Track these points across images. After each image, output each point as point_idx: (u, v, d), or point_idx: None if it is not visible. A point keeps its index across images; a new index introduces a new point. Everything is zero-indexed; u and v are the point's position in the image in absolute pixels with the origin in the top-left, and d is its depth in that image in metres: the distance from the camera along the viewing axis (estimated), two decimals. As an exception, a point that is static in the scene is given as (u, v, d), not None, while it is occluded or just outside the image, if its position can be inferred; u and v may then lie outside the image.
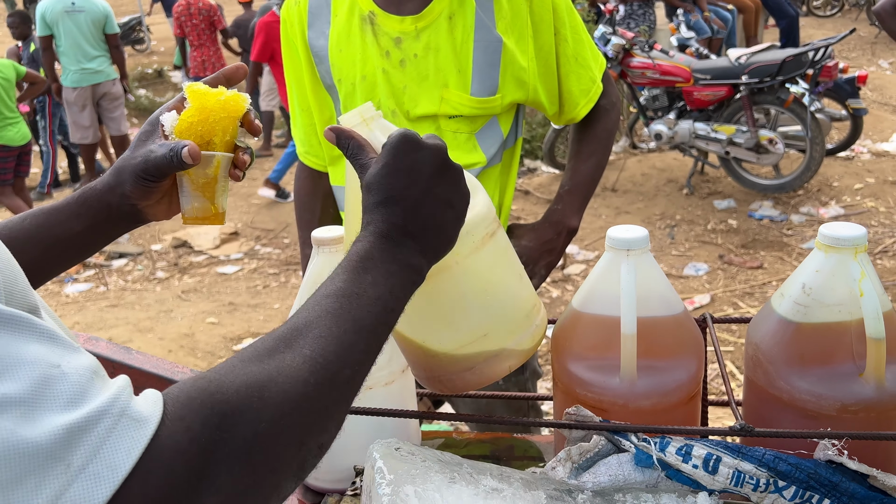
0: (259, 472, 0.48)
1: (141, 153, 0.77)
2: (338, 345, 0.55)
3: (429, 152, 0.67)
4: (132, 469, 0.43)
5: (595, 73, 1.46)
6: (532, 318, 0.82)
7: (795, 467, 0.72)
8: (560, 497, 0.71)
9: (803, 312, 0.76)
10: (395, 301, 0.63)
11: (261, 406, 0.49)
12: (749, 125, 4.85)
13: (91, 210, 0.78)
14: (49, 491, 0.41)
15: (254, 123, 0.83)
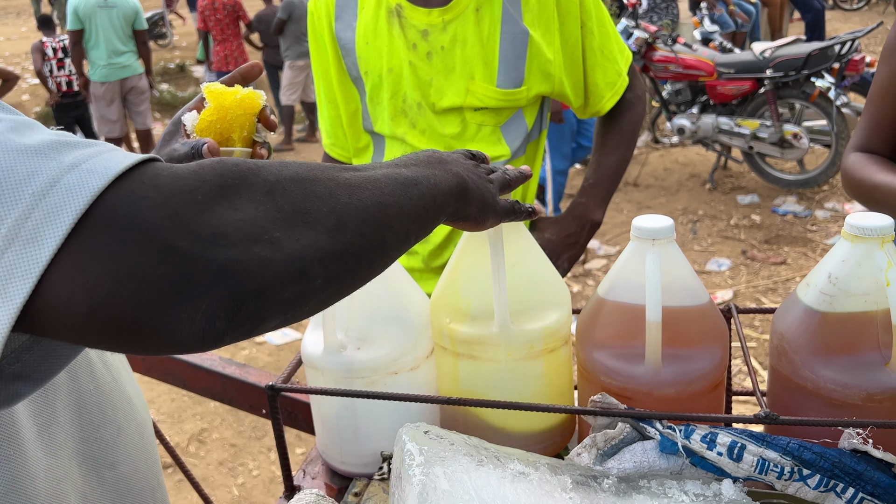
0: (285, 212, 0.49)
1: (165, 152, 0.81)
2: (396, 193, 0.58)
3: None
4: (132, 167, 0.45)
5: (621, 67, 1.46)
6: None
7: (820, 456, 0.72)
8: (585, 482, 0.72)
9: (829, 302, 0.76)
10: (427, 215, 0.64)
11: (289, 167, 0.52)
12: (773, 120, 4.80)
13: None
14: (41, 180, 0.43)
15: (269, 119, 0.86)
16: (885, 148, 1.25)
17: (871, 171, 1.20)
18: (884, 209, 1.21)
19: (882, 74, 1.23)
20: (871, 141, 1.26)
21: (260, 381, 1.17)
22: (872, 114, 1.26)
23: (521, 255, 0.87)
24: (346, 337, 0.88)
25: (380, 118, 1.43)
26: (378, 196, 0.57)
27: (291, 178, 0.51)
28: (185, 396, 3.20)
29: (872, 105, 1.26)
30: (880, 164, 1.22)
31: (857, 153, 1.27)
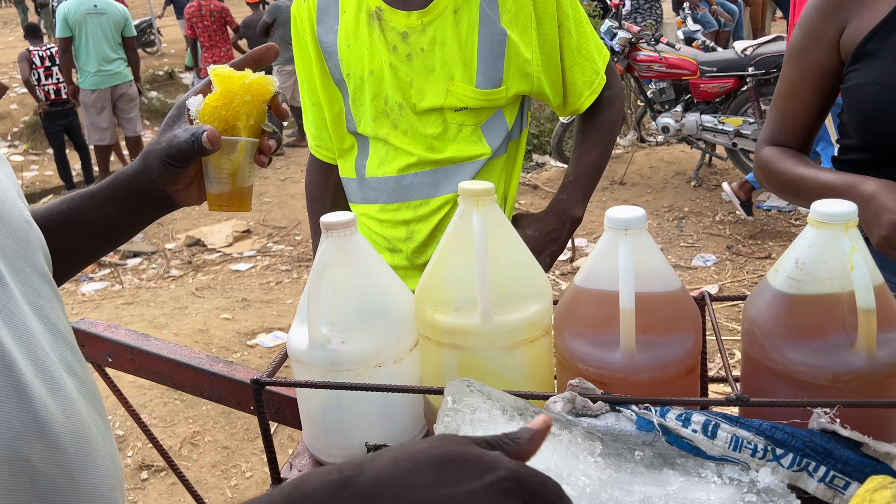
0: None
1: (166, 138, 0.78)
2: None
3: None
4: None
5: (599, 65, 1.48)
6: None
7: (791, 436, 0.75)
8: (619, 453, 0.74)
9: (797, 286, 0.79)
10: None
11: None
12: (756, 116, 4.85)
13: (123, 194, 0.80)
14: None
15: (281, 107, 0.82)
16: (796, 142, 1.33)
17: (790, 164, 1.28)
18: (805, 200, 1.26)
19: (790, 74, 1.30)
20: (783, 136, 1.33)
21: (247, 377, 1.19)
22: (782, 111, 1.33)
23: (503, 247, 0.90)
24: (331, 331, 0.90)
25: (363, 120, 1.46)
26: None
27: None
28: (177, 400, 3.21)
29: (782, 102, 1.33)
30: (796, 158, 1.30)
31: (770, 147, 1.34)
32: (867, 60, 1.18)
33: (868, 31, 1.17)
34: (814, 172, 1.23)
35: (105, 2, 6.21)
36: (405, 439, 0.94)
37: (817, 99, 1.28)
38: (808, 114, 1.30)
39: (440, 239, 1.47)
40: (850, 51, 1.20)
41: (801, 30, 1.28)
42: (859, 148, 1.27)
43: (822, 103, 1.29)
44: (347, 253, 0.89)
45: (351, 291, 0.90)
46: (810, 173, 1.24)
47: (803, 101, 1.29)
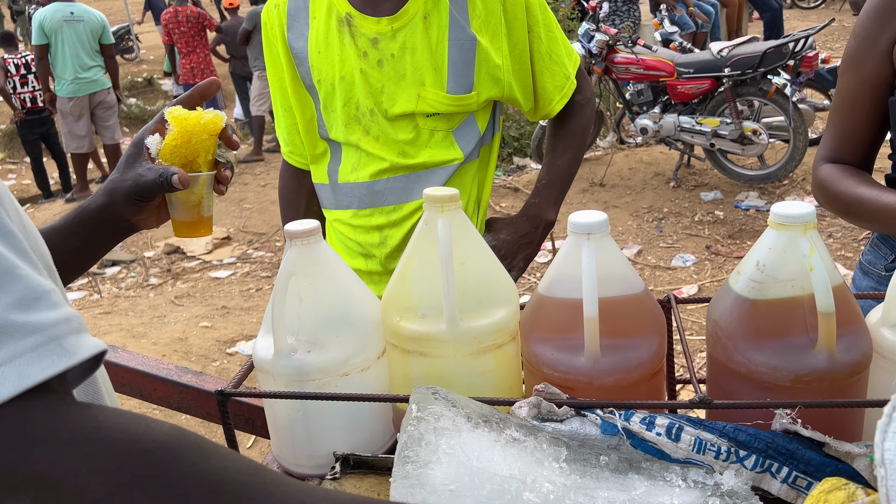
0: None
1: (130, 177, 0.86)
2: None
3: None
4: (41, 383, 0.45)
5: (569, 70, 1.49)
6: None
7: (754, 437, 0.75)
8: (584, 458, 0.74)
9: (758, 289, 0.79)
10: None
11: None
12: (733, 117, 4.90)
13: (88, 228, 0.87)
14: None
15: (231, 138, 0.90)
16: (856, 159, 1.26)
17: (849, 184, 1.21)
18: (867, 223, 1.22)
19: (845, 86, 1.24)
20: (842, 152, 1.27)
21: (216, 388, 1.17)
22: (840, 125, 1.27)
23: (469, 253, 0.89)
24: (297, 340, 0.89)
25: (334, 125, 1.45)
26: None
27: None
28: (155, 411, 3.18)
29: (839, 116, 1.27)
30: (857, 176, 1.23)
31: (829, 165, 1.28)
32: None
33: None
34: (875, 193, 1.16)
35: (82, 9, 6.16)
36: (374, 448, 0.93)
37: (874, 111, 1.22)
38: (865, 128, 1.24)
39: (413, 244, 1.48)
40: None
41: (855, 38, 1.22)
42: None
43: (880, 116, 1.22)
44: (312, 261, 0.89)
45: (316, 300, 0.90)
46: (870, 194, 1.16)
47: (860, 114, 1.23)
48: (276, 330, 0.87)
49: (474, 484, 0.67)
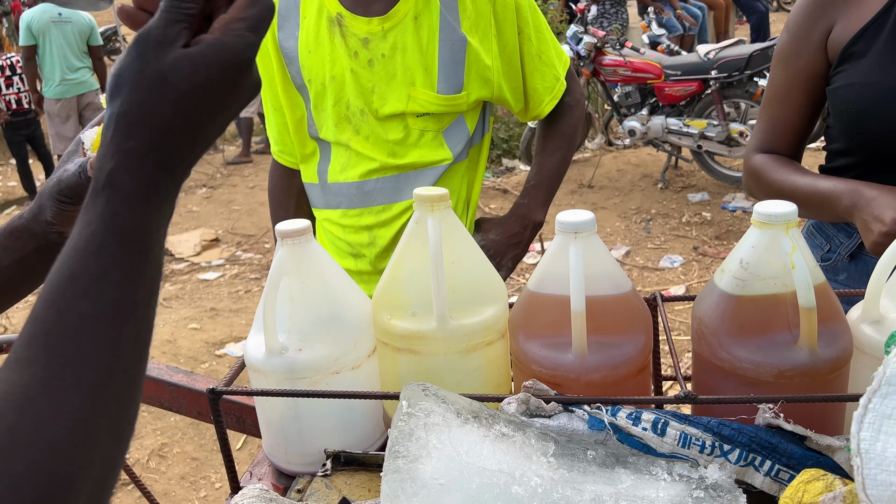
0: None
1: (55, 177, 0.72)
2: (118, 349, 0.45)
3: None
4: None
5: (559, 71, 1.50)
6: None
7: (738, 431, 0.77)
8: (572, 453, 0.75)
9: (741, 286, 0.81)
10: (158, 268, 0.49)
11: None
12: (720, 119, 4.94)
13: (19, 242, 0.73)
14: None
15: None
16: (787, 148, 1.29)
17: (783, 172, 1.24)
18: (803, 209, 1.24)
19: (778, 78, 1.27)
20: (774, 143, 1.30)
21: (207, 387, 1.18)
22: (772, 117, 1.30)
23: (459, 252, 0.91)
24: (288, 338, 0.90)
25: (324, 125, 1.46)
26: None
27: None
28: (144, 412, 3.17)
29: (771, 107, 1.30)
30: (790, 165, 1.26)
31: (761, 155, 1.30)
32: (854, 61, 1.16)
33: (856, 32, 1.15)
34: (810, 180, 1.19)
35: (70, 10, 6.12)
36: (365, 446, 0.94)
37: (807, 103, 1.25)
38: (798, 119, 1.27)
39: (403, 244, 1.49)
40: (838, 52, 1.17)
41: (788, 32, 1.25)
42: (846, 152, 1.23)
43: (811, 108, 1.25)
44: (303, 260, 0.90)
45: (307, 299, 0.91)
46: (805, 181, 1.19)
47: (792, 105, 1.26)
48: (268, 328, 0.88)
49: (464, 478, 0.68)
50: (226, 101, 0.50)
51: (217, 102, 0.50)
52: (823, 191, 1.15)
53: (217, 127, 0.51)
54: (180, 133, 0.48)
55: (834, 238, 1.30)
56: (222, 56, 0.49)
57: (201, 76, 0.48)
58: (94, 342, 0.44)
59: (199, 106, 0.49)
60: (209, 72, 0.48)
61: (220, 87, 0.49)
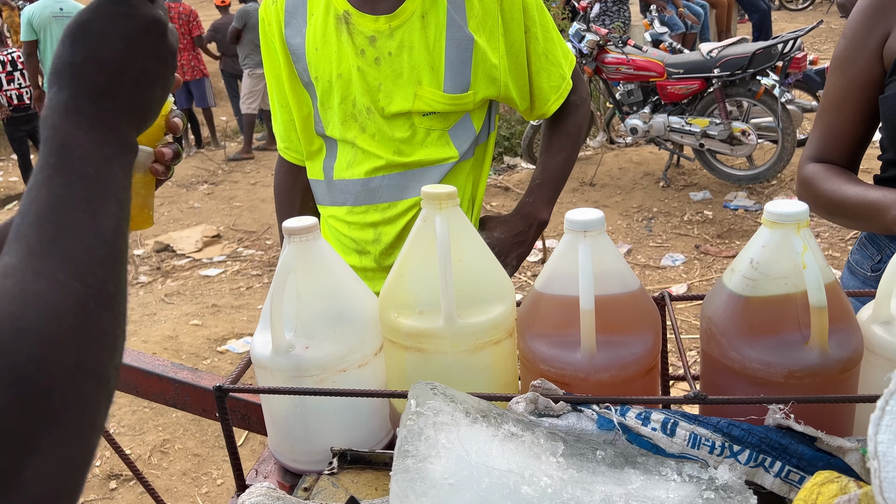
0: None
1: None
2: (91, 264, 0.50)
3: (148, 20, 0.61)
4: None
5: (565, 70, 1.50)
6: None
7: (748, 432, 0.76)
8: (581, 453, 0.74)
9: (752, 286, 0.80)
10: (123, 190, 0.56)
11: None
12: (722, 117, 4.93)
13: (8, 226, 0.72)
14: None
15: (172, 121, 0.80)
16: (842, 158, 1.26)
17: (835, 182, 1.20)
18: (851, 221, 1.21)
19: (834, 85, 1.24)
20: (828, 152, 1.26)
21: (211, 384, 1.18)
22: (827, 125, 1.26)
23: (466, 250, 0.90)
24: (295, 336, 0.90)
25: (331, 122, 1.46)
26: None
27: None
28: (146, 408, 3.17)
29: (826, 116, 1.26)
30: (843, 175, 1.22)
31: (814, 164, 1.27)
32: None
33: None
34: (860, 190, 1.14)
35: (72, 4, 6.11)
36: (371, 444, 0.94)
37: (862, 111, 1.21)
38: (853, 128, 1.23)
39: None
40: (893, 59, 1.14)
41: (844, 38, 1.21)
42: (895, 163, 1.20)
43: (867, 116, 1.22)
44: (310, 258, 0.89)
45: (314, 296, 0.90)
46: (855, 191, 1.14)
47: (847, 113, 1.22)
48: (275, 326, 0.87)
49: (473, 478, 0.68)
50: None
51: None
52: (872, 201, 1.11)
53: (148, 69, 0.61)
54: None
55: (885, 248, 1.28)
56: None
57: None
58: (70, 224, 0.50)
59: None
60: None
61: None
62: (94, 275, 0.49)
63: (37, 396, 0.42)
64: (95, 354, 0.47)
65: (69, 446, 0.44)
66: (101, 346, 0.48)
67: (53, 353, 0.44)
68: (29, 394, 0.42)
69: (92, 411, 0.46)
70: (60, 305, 0.46)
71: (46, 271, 0.47)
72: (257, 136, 8.03)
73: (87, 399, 0.46)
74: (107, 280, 0.50)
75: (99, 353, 0.48)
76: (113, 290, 0.51)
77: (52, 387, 0.43)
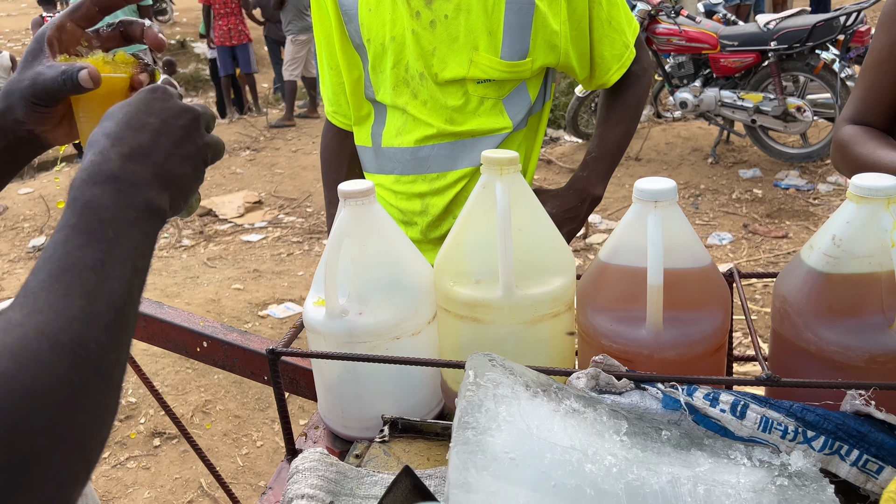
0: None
1: (29, 76, 0.71)
2: (96, 329, 0.49)
3: (184, 107, 0.65)
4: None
5: (629, 38, 1.43)
6: None
7: (823, 418, 0.73)
8: (644, 432, 0.72)
9: (833, 264, 0.76)
10: (142, 257, 0.56)
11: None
12: (777, 93, 4.76)
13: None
14: None
15: (156, 37, 0.77)
16: (882, 121, 1.19)
17: (870, 147, 1.14)
18: None
19: (879, 43, 1.17)
20: (867, 113, 1.20)
21: (261, 347, 1.17)
22: (869, 84, 1.19)
23: (527, 219, 0.87)
24: (348, 302, 0.88)
25: (382, 87, 1.42)
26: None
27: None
28: (188, 369, 3.22)
29: (869, 74, 1.19)
30: (880, 139, 1.16)
31: (851, 126, 1.21)
32: None
33: None
34: (894, 156, 1.07)
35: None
36: (422, 413, 0.92)
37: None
38: (894, 89, 1.15)
39: (456, 213, 1.45)
40: None
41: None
42: None
43: None
44: (366, 222, 0.87)
45: (369, 262, 0.88)
46: (890, 158, 1.07)
47: (890, 74, 1.14)
48: (329, 291, 0.85)
49: (535, 453, 0.65)
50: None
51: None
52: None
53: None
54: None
55: None
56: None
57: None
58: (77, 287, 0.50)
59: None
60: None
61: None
62: (98, 341, 0.48)
63: (16, 465, 0.41)
64: (84, 425, 0.46)
65: None
66: (91, 418, 0.46)
67: (41, 420, 0.42)
68: (8, 461, 0.40)
69: (69, 486, 0.44)
70: (57, 369, 0.45)
71: (49, 330, 0.46)
72: (298, 104, 8.04)
73: (66, 473, 0.44)
74: (109, 348, 0.49)
75: (88, 424, 0.46)
76: (113, 359, 0.49)
77: (31, 456, 0.41)
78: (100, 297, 0.50)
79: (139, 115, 0.62)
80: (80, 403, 0.45)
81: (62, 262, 0.50)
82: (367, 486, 0.78)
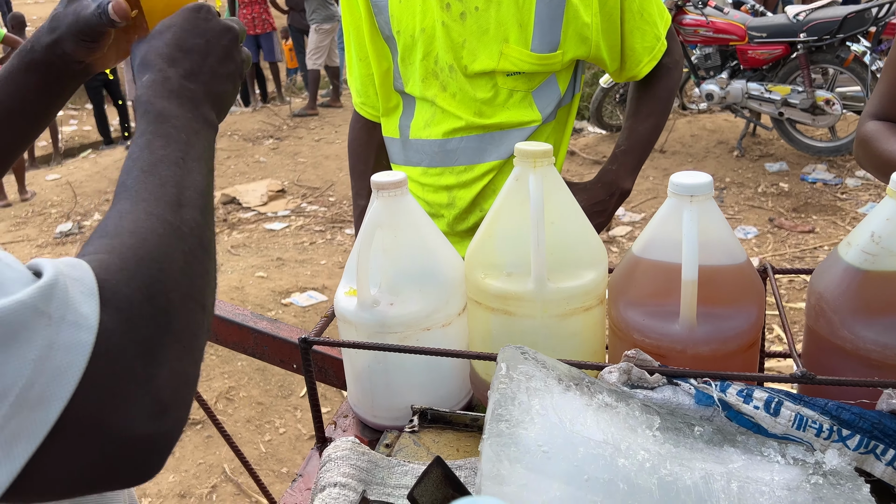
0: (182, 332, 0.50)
1: (72, 9, 0.74)
2: (194, 210, 0.57)
3: (224, 26, 0.71)
4: (98, 315, 0.45)
5: (660, 31, 1.41)
6: None
7: (859, 416, 0.72)
8: (677, 428, 0.72)
9: (871, 261, 0.75)
10: (209, 160, 0.65)
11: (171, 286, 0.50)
12: (805, 85, 4.69)
13: (38, 75, 0.76)
14: (41, 341, 0.42)
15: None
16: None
17: (893, 143, 1.11)
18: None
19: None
20: (890, 108, 1.17)
21: (291, 336, 1.19)
22: (891, 80, 1.17)
23: (559, 212, 0.87)
24: (380, 292, 0.88)
25: (411, 79, 1.42)
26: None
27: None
28: (213, 355, 3.26)
29: (892, 70, 1.17)
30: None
31: (875, 122, 1.18)
32: None
33: None
34: None
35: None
36: (450, 404, 0.93)
37: None
38: None
39: (483, 206, 1.45)
40: None
41: None
42: None
43: None
44: (398, 213, 0.87)
45: (400, 253, 0.89)
46: None
47: None
48: (360, 281, 0.86)
49: (568, 446, 0.65)
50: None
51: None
52: None
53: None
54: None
55: None
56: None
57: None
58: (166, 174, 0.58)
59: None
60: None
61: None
62: (195, 219, 0.56)
63: (163, 314, 0.48)
64: (200, 287, 0.54)
65: (185, 364, 0.49)
66: (204, 281, 0.55)
67: (170, 280, 0.50)
68: (157, 311, 0.48)
69: (200, 337, 0.52)
70: (171, 241, 0.52)
71: (156, 212, 0.54)
72: (321, 93, 8.06)
73: (196, 324, 0.52)
74: (204, 226, 0.57)
75: (203, 286, 0.54)
76: (209, 236, 0.58)
77: (171, 308, 0.49)
78: (188, 186, 0.58)
79: (186, 36, 0.68)
80: (193, 269, 0.53)
81: (150, 159, 0.58)
82: (398, 475, 0.78)
